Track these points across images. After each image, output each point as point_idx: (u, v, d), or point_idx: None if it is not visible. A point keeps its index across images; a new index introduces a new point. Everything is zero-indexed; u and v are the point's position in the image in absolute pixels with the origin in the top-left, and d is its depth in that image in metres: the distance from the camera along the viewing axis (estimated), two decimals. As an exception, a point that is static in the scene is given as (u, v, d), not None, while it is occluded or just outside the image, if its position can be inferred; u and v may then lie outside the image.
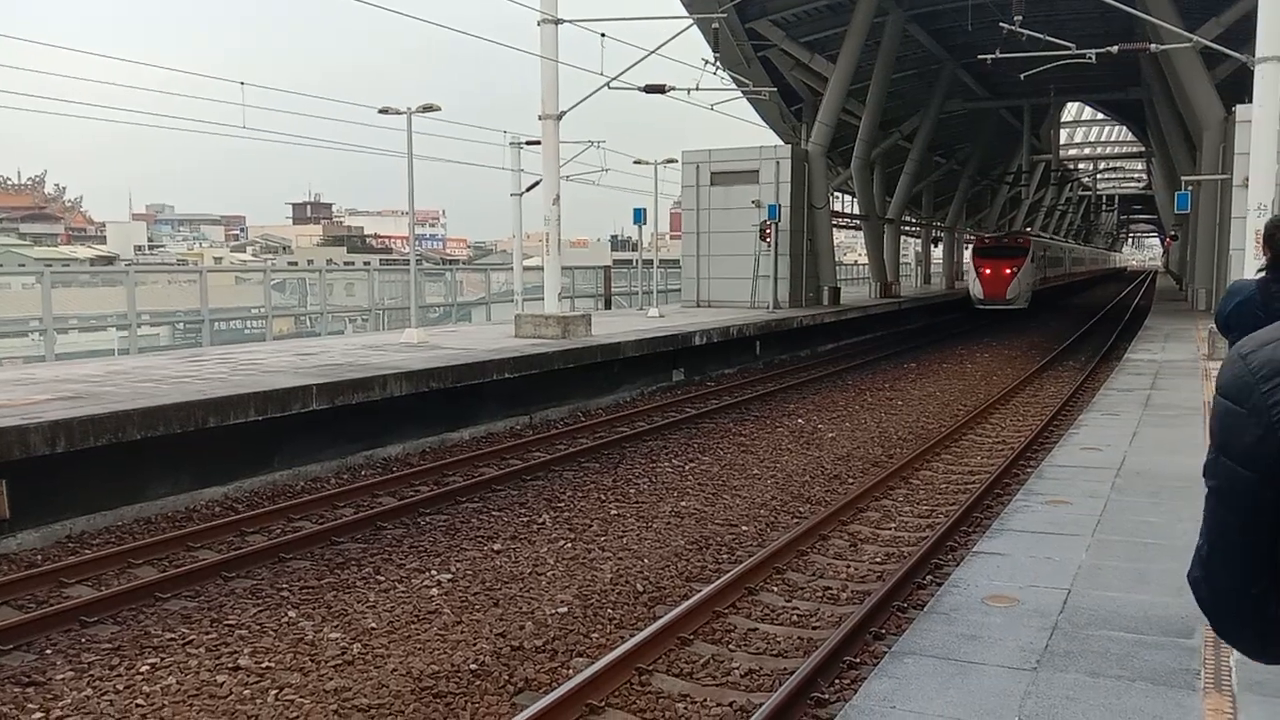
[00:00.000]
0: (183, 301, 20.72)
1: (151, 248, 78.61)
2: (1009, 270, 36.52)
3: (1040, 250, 42.39)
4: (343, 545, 8.58)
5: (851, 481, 11.14)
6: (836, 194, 39.23)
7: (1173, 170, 37.04)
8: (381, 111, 17.07)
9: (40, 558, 8.21)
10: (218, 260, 65.70)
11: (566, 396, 15.55)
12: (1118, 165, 71.11)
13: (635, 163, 26.94)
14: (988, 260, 37.23)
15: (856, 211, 38.11)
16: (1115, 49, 18.86)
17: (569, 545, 8.61)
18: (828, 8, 29.13)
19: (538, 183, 20.74)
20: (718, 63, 22.26)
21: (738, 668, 6.02)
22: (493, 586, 7.52)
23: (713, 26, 21.80)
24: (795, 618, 6.87)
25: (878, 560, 8.19)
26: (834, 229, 33.95)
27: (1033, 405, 16.72)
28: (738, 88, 27.33)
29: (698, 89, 21.63)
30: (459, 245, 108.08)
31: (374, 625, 6.72)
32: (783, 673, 5.85)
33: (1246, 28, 16.63)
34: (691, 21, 22.64)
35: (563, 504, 10.06)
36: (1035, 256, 39.14)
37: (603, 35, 18.11)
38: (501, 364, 13.93)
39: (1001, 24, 19.85)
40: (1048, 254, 46.66)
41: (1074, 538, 6.14)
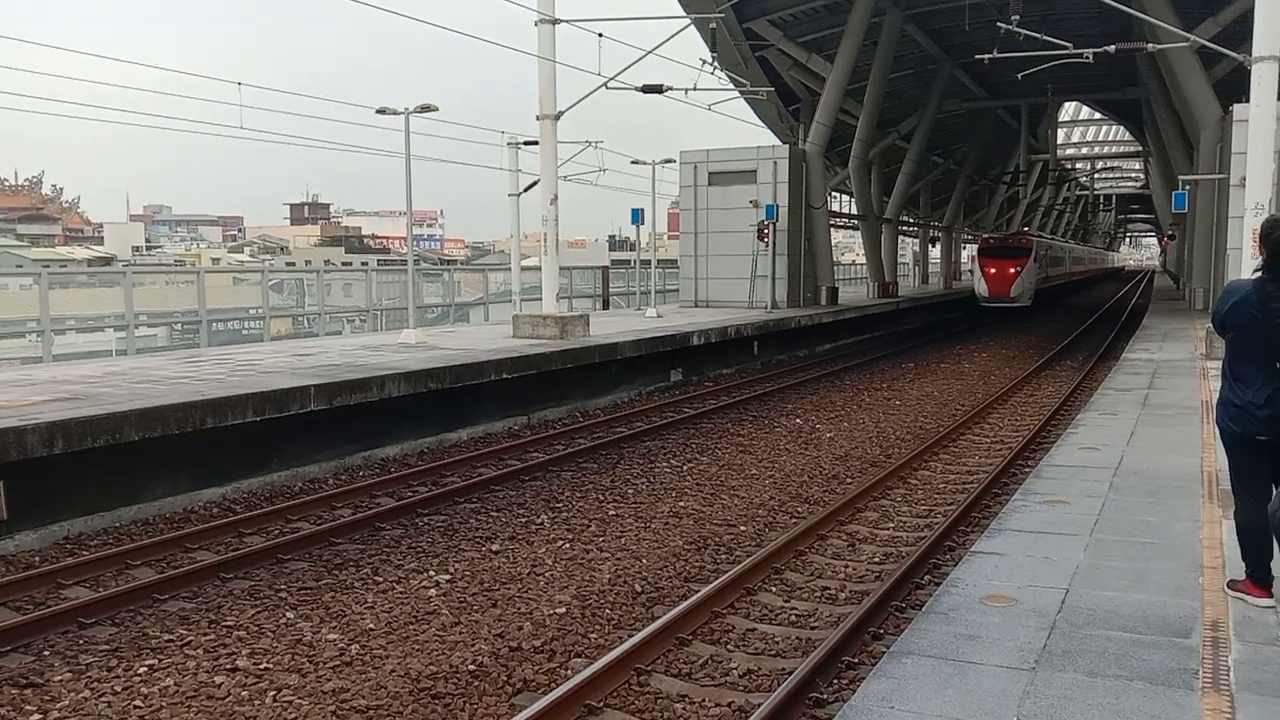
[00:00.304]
0: (180, 302, 20.68)
1: (149, 248, 78.56)
2: (1013, 270, 37.30)
3: (1043, 250, 43.18)
4: (341, 546, 8.57)
5: (850, 481, 11.15)
6: (834, 194, 39.25)
7: (1170, 170, 37.09)
8: (379, 112, 17.03)
9: (38, 559, 8.20)
10: (215, 261, 65.66)
11: (564, 397, 15.55)
12: (1115, 165, 71.17)
13: (633, 163, 26.93)
14: (992, 260, 37.98)
15: (854, 211, 38.13)
16: (1113, 48, 18.88)
17: (567, 546, 8.61)
18: (825, 8, 29.12)
19: (535, 183, 20.73)
20: (715, 63, 22.26)
21: (736, 668, 6.02)
22: (491, 587, 7.52)
23: (710, 26, 21.79)
24: (794, 618, 6.87)
25: (876, 560, 8.19)
26: (832, 229, 33.97)
27: (1031, 405, 16.73)
28: (735, 88, 27.35)
29: (695, 89, 21.63)
30: (457, 245, 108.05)
31: (372, 626, 6.72)
32: (781, 673, 5.86)
33: (1243, 27, 16.65)
34: (689, 21, 22.60)
35: (561, 504, 10.06)
36: (1038, 256, 39.94)
37: (600, 35, 18.13)
38: (499, 364, 13.93)
39: (999, 24, 19.86)
40: (1049, 254, 47.73)
41: (1072, 537, 6.14)
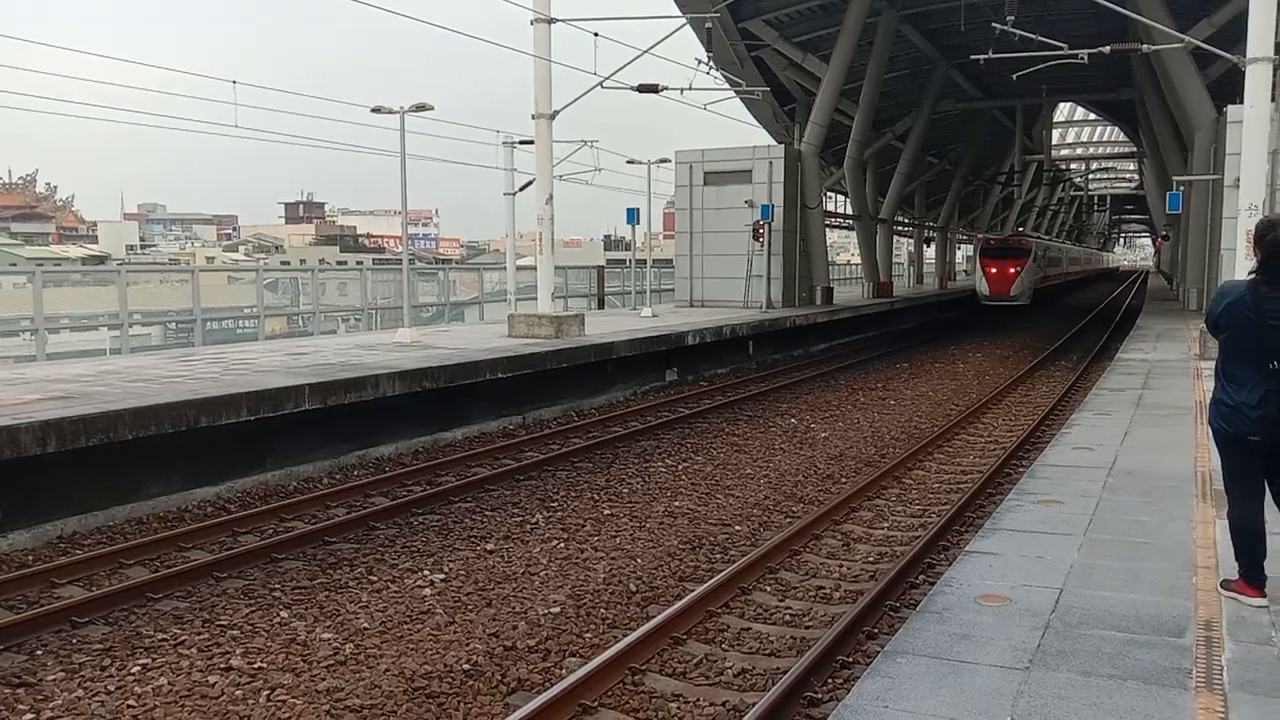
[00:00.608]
0: (175, 301, 20.66)
1: (143, 247, 78.46)
2: (1013, 270, 38.21)
3: (1041, 251, 44.20)
4: (335, 545, 8.56)
5: (844, 481, 11.15)
6: (829, 194, 39.19)
7: (1164, 170, 37.13)
8: (374, 111, 17.01)
9: (31, 558, 8.18)
10: (210, 260, 65.55)
11: (560, 396, 15.54)
12: (1110, 165, 71.27)
13: (628, 162, 26.92)
14: (993, 260, 38.79)
15: (849, 211, 38.14)
16: (1107, 49, 18.91)
17: (562, 545, 8.60)
18: (820, 8, 29.12)
19: (531, 182, 20.74)
20: (711, 62, 22.25)
21: (731, 667, 6.02)
22: (486, 586, 7.52)
23: (706, 26, 21.79)
24: (788, 617, 6.88)
25: (870, 560, 8.20)
26: (827, 229, 34.00)
27: (1025, 405, 16.76)
28: (731, 88, 27.29)
29: (691, 89, 21.63)
30: (452, 245, 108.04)
31: (366, 625, 6.71)
32: (776, 672, 5.86)
33: (1238, 28, 16.67)
34: (685, 21, 22.59)
35: (556, 504, 10.06)
36: (1036, 256, 40.85)
37: (596, 35, 18.12)
38: (494, 364, 13.92)
39: (994, 24, 19.86)
40: (1047, 254, 48.71)
41: (1066, 537, 6.16)
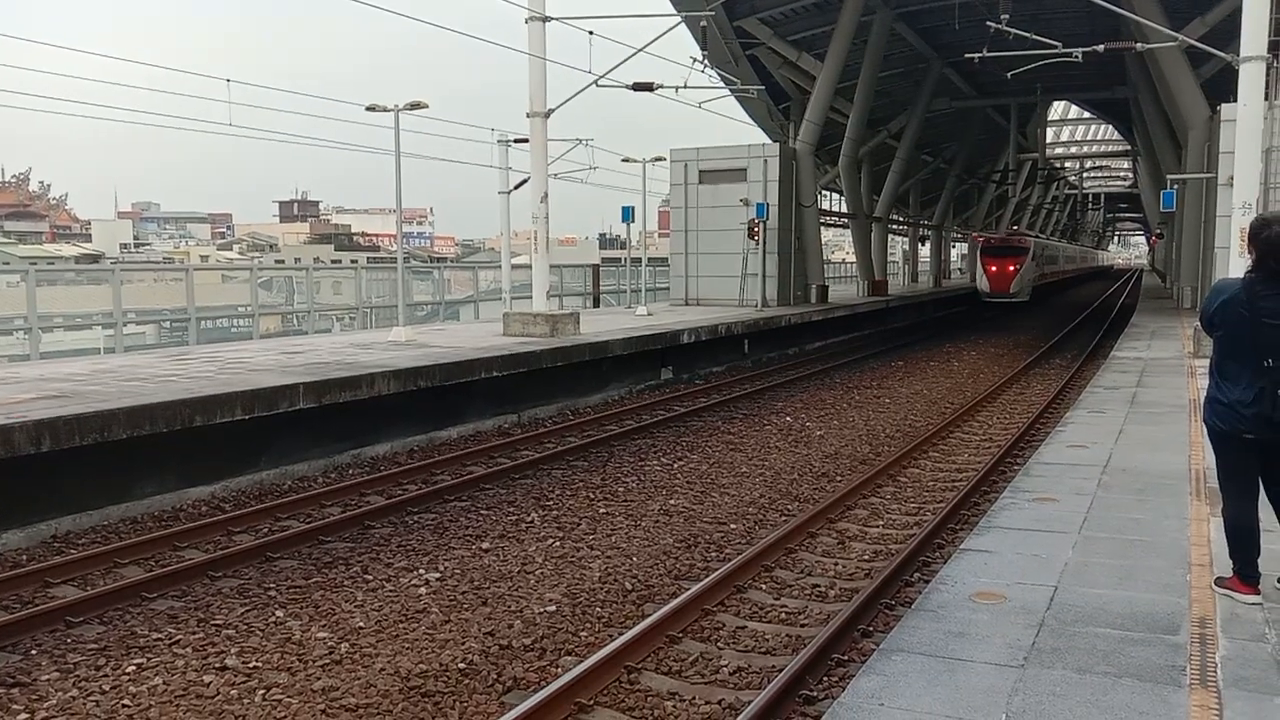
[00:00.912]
0: (169, 300, 20.62)
1: (137, 246, 78.33)
2: (1012, 267, 39.67)
3: (1039, 249, 45.70)
4: (330, 544, 8.55)
5: (839, 479, 11.16)
6: (824, 192, 39.29)
7: (1158, 169, 37.23)
8: (369, 109, 16.94)
9: (25, 558, 8.16)
10: (204, 258, 65.43)
11: (555, 395, 15.54)
12: (1104, 164, 71.44)
13: (623, 161, 26.91)
14: (994, 258, 40.20)
15: (844, 210, 38.20)
16: (1101, 48, 18.95)
17: (557, 544, 8.60)
18: (815, 6, 29.14)
19: (526, 181, 20.71)
20: (706, 61, 22.26)
21: (726, 665, 6.03)
22: (481, 585, 7.51)
23: (701, 24, 21.83)
24: (784, 615, 6.88)
25: (866, 558, 8.21)
26: (822, 227, 34.03)
27: (1020, 403, 16.79)
28: (726, 86, 27.33)
29: (686, 87, 21.61)
30: (447, 243, 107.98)
31: (362, 624, 6.71)
32: (771, 670, 5.86)
33: (1231, 27, 16.69)
34: (679, 19, 22.60)
35: (551, 502, 10.05)
36: (1035, 254, 42.26)
37: (590, 33, 18.08)
38: (489, 362, 13.90)
39: (988, 23, 19.89)
40: (1045, 252, 50.20)
41: (1061, 535, 6.17)
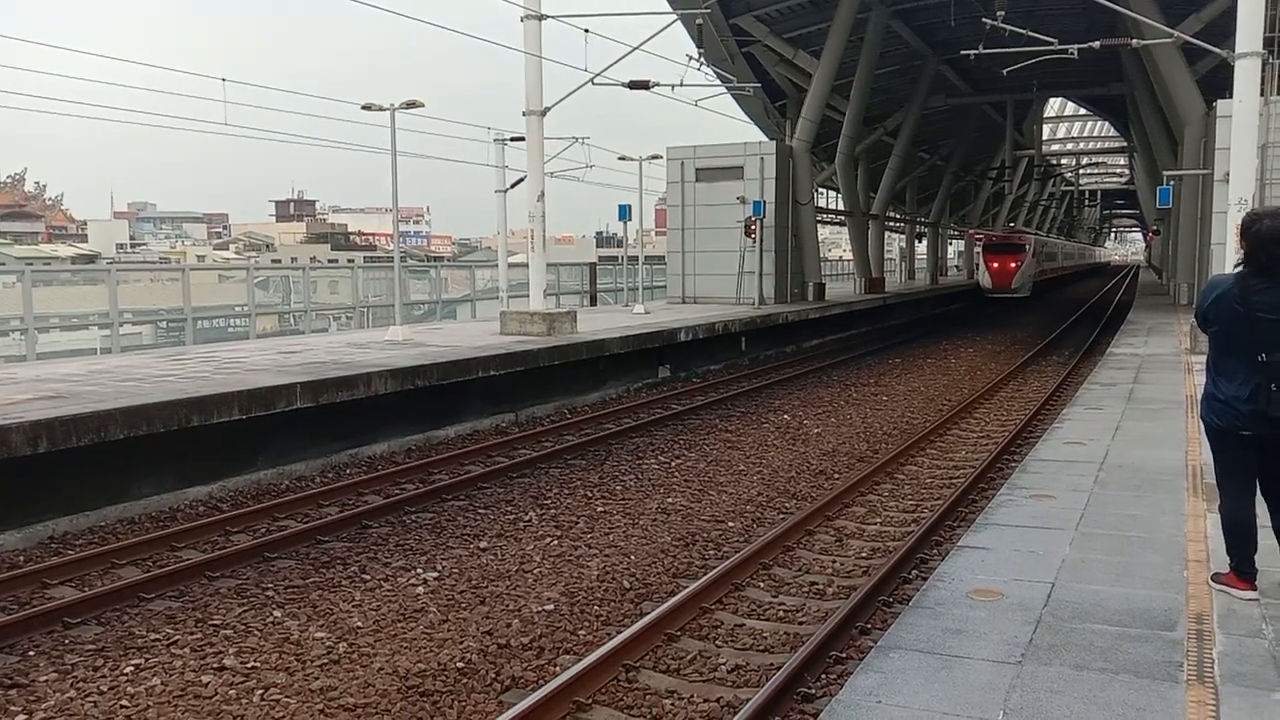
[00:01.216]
0: (165, 300, 20.60)
1: (133, 246, 78.14)
2: (1014, 264, 41.11)
3: (1040, 246, 47.22)
4: (328, 544, 8.55)
5: (837, 477, 11.17)
6: (821, 190, 39.30)
7: (1155, 165, 37.26)
8: (364, 108, 16.91)
9: (22, 559, 8.15)
10: (200, 258, 65.33)
11: (552, 394, 15.53)
12: (1100, 160, 71.45)
13: (620, 159, 26.93)
14: (995, 255, 41.68)
15: (841, 207, 38.20)
16: (1097, 44, 18.98)
17: (555, 543, 8.60)
18: (811, 3, 29.11)
19: (522, 179, 20.71)
20: (702, 59, 22.23)
21: (725, 663, 6.03)
22: (479, 584, 7.51)
23: (697, 22, 21.77)
24: (782, 613, 6.89)
25: (863, 555, 8.21)
26: (819, 225, 34.02)
27: (1017, 400, 16.80)
28: (722, 84, 27.31)
29: (682, 85, 21.60)
30: (443, 242, 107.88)
31: (360, 624, 6.70)
32: (769, 668, 5.87)
33: (1227, 23, 16.72)
34: (676, 17, 22.58)
35: (549, 501, 10.05)
36: (1035, 251, 43.67)
37: (586, 31, 18.06)
38: (487, 361, 13.90)
39: (984, 19, 19.91)
40: (1045, 249, 51.70)
41: (1058, 532, 6.18)
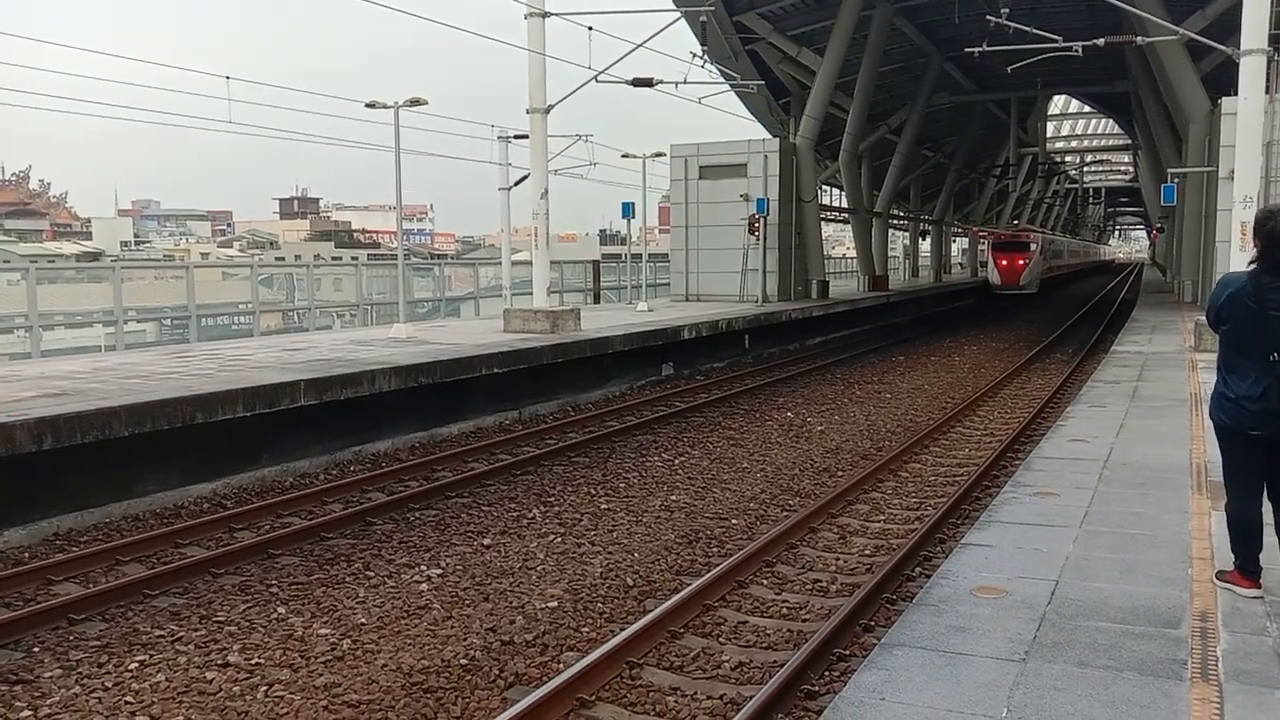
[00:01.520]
0: (169, 297, 20.64)
1: (137, 243, 78.35)
2: (1022, 261, 42.14)
3: (1047, 244, 48.33)
4: (332, 541, 8.56)
5: (840, 474, 11.17)
6: (825, 187, 39.23)
7: (1159, 163, 37.20)
8: (369, 106, 16.93)
9: (27, 555, 8.16)
10: (204, 256, 65.44)
11: (555, 391, 15.54)
12: (1104, 158, 71.33)
13: (623, 156, 26.89)
14: (1004, 253, 42.75)
15: (845, 205, 38.17)
16: (1102, 42, 18.97)
17: (559, 540, 8.61)
18: (815, 1, 29.11)
19: (526, 177, 20.71)
20: (706, 56, 22.25)
21: (728, 660, 6.03)
22: (483, 581, 7.52)
23: (700, 20, 21.78)
24: (785, 610, 6.89)
25: (867, 553, 8.21)
26: (822, 222, 33.99)
27: (1020, 397, 16.78)
28: (725, 81, 27.28)
29: (686, 82, 21.57)
30: (447, 240, 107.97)
31: (364, 621, 6.71)
32: (773, 665, 5.87)
33: (1232, 20, 16.67)
34: (679, 15, 22.58)
35: (552, 499, 10.06)
36: (1043, 249, 44.74)
37: (590, 29, 18.05)
38: (490, 359, 13.90)
39: (988, 17, 19.88)
40: (1052, 247, 52.84)
41: (1062, 529, 6.17)
